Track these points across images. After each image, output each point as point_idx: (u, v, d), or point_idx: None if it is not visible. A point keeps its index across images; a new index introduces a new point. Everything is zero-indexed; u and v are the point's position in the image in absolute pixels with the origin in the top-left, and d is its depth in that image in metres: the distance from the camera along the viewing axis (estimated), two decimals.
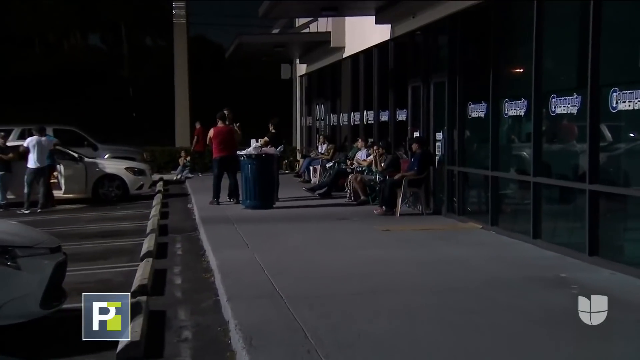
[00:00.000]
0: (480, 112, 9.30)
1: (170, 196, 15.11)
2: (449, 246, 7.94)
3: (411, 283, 6.06)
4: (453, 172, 10.27)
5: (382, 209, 10.64)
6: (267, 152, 11.62)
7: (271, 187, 11.60)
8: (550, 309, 5.17)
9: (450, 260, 7.04)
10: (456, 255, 7.37)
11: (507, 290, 5.77)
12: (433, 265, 6.80)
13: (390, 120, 12.96)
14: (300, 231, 9.09)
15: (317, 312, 5.10)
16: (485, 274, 6.40)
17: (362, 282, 6.07)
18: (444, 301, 5.44)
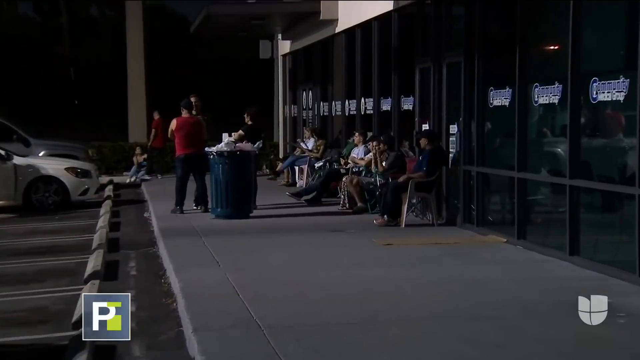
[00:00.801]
0: (504, 100, 9.33)
1: (122, 203, 15.07)
2: (465, 264, 7.94)
3: (420, 310, 6.06)
4: (470, 173, 10.29)
5: (383, 219, 10.65)
6: (242, 148, 11.61)
7: (247, 191, 11.60)
8: (590, 343, 5.14)
9: (468, 282, 7.06)
10: (475, 275, 7.38)
11: (537, 318, 5.77)
12: (446, 288, 6.81)
13: (393, 110, 12.99)
14: (283, 246, 9.09)
15: (305, 346, 5.07)
16: (511, 298, 6.41)
17: (360, 308, 6.06)
18: (460, 332, 5.43)
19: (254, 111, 12.86)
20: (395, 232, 10.15)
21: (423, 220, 11.11)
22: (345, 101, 15.67)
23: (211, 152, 11.49)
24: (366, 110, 14.46)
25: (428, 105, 11.51)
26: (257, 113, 12.90)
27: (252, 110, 12.87)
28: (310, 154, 15.92)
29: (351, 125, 15.35)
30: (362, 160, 13.00)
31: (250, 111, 12.84)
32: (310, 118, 18.75)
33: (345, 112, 15.68)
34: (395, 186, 10.68)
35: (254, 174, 12.12)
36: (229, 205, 11.39)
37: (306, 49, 18.97)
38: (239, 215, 11.37)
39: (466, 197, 10.35)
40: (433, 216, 10.65)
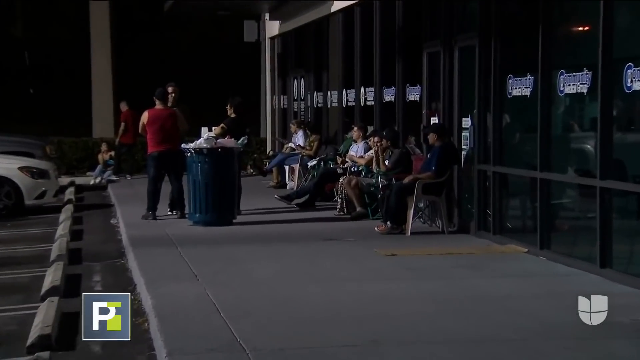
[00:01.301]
0: (525, 89, 9.35)
1: (85, 208, 15.04)
2: (481, 278, 7.95)
3: (428, 330, 6.05)
4: (486, 173, 10.30)
5: (386, 226, 10.65)
6: (224, 145, 11.60)
7: (230, 195, 11.59)
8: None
9: (483, 298, 7.05)
10: (491, 290, 7.37)
11: (562, 341, 5.76)
12: (458, 306, 6.81)
13: (397, 101, 13.00)
14: (271, 257, 9.09)
15: None
16: (532, 317, 6.41)
17: (359, 329, 6.06)
18: (474, 357, 5.41)
19: (237, 102, 12.84)
20: (400, 240, 10.15)
21: (431, 227, 11.11)
22: (343, 91, 15.68)
23: (188, 149, 11.47)
24: (366, 101, 14.46)
25: (437, 96, 11.52)
26: (241, 104, 12.88)
27: (236, 101, 12.84)
28: (303, 151, 15.92)
29: (349, 119, 15.34)
30: (362, 158, 13.00)
31: (234, 102, 12.82)
32: (302, 110, 18.75)
33: (343, 103, 15.69)
34: (399, 188, 10.68)
35: (238, 174, 12.11)
36: (209, 210, 11.39)
37: (297, 30, 18.96)
38: (221, 222, 11.37)
39: (481, 201, 10.36)
40: (443, 223, 10.66)
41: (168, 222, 11.79)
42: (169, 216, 12.25)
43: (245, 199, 12.57)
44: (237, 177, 11.99)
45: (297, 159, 15.85)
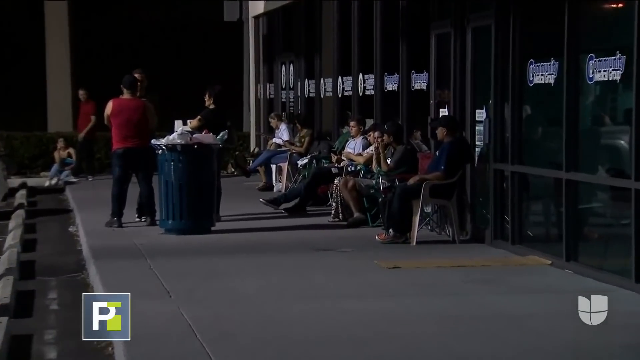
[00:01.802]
0: (549, 76, 9.35)
1: (39, 214, 15.00)
2: (497, 294, 7.94)
3: (435, 355, 6.04)
4: (504, 173, 10.31)
5: (388, 234, 10.66)
6: (201, 141, 11.58)
7: (208, 198, 11.58)
8: None
9: (500, 318, 7.04)
10: (509, 309, 7.37)
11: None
12: (471, 326, 6.80)
13: (401, 90, 13.00)
14: (256, 270, 9.08)
15: None
16: (557, 340, 6.40)
17: (358, 352, 6.05)
18: None
19: (217, 91, 12.78)
20: (404, 251, 10.14)
21: (440, 235, 11.12)
22: (338, 78, 15.68)
23: (160, 145, 11.45)
24: (365, 90, 14.46)
25: (447, 84, 11.52)
26: (221, 94, 12.83)
27: (215, 91, 12.79)
28: (292, 148, 15.91)
29: (345, 111, 15.32)
30: (360, 156, 13.00)
31: (213, 91, 12.77)
32: (291, 100, 18.76)
33: (338, 92, 15.69)
34: (403, 191, 10.68)
35: (217, 174, 12.09)
36: (184, 216, 11.38)
37: (286, 9, 18.96)
38: (197, 230, 11.36)
39: (498, 206, 10.37)
40: (454, 230, 10.66)
41: (136, 230, 11.77)
42: (137, 223, 12.23)
43: (225, 203, 12.55)
44: (217, 178, 11.97)
45: (286, 157, 15.83)
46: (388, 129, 12.01)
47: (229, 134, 12.32)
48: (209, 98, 12.69)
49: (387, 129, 12.02)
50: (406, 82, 12.82)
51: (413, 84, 12.70)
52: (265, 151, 17.12)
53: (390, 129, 11.99)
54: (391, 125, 12.12)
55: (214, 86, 12.94)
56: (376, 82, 13.87)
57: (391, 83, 13.42)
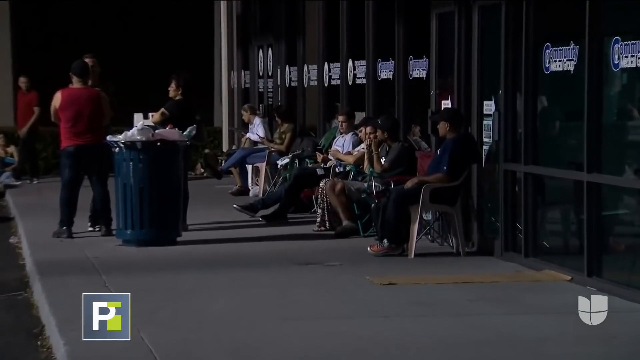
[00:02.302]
0: (567, 62, 9.37)
1: None
2: (508, 315, 7.95)
3: None
4: (516, 175, 10.32)
5: (382, 245, 10.66)
6: (165, 137, 11.56)
7: (173, 204, 11.56)
8: None
9: (512, 343, 7.05)
10: (522, 332, 7.37)
11: None
12: (479, 353, 6.79)
13: (397, 79, 13.00)
14: (228, 288, 9.06)
15: None
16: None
17: None
18: None
19: (184, 80, 12.77)
20: (401, 265, 10.14)
21: (443, 247, 11.12)
22: (324, 65, 15.68)
23: (117, 142, 11.43)
24: (356, 78, 14.46)
25: (450, 72, 11.53)
26: (188, 83, 12.82)
27: (182, 79, 12.77)
28: (270, 146, 15.90)
29: (333, 102, 15.30)
30: (350, 155, 13.00)
31: (179, 80, 12.74)
32: (269, 90, 18.74)
33: (324, 81, 15.69)
34: (400, 195, 10.67)
35: (184, 176, 12.08)
36: (145, 224, 11.36)
37: None
38: (161, 241, 11.35)
39: (509, 212, 10.38)
40: (458, 241, 10.67)
41: (89, 241, 11.74)
42: (90, 233, 12.20)
43: (193, 210, 12.54)
44: (183, 181, 11.95)
45: (263, 156, 15.82)
46: (382, 123, 12.00)
47: (197, 130, 12.27)
48: (175, 88, 12.67)
49: (381, 123, 12.01)
50: (403, 69, 12.82)
51: (411, 71, 12.69)
52: (239, 149, 17.10)
53: (385, 124, 11.98)
54: (386, 120, 12.11)
55: (180, 74, 12.91)
56: (368, 69, 13.86)
57: (385, 70, 13.42)
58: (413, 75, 12.65)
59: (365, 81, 14.01)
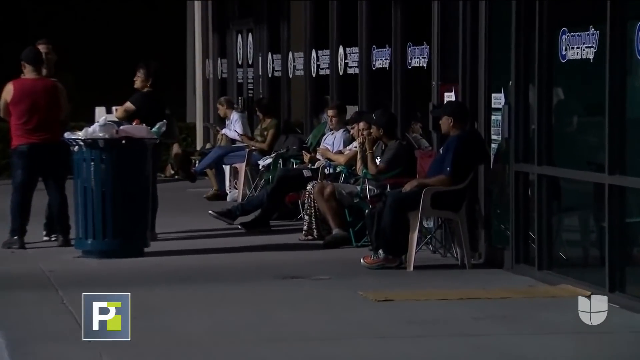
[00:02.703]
0: (587, 50, 9.37)
1: None
2: (519, 335, 7.95)
3: None
4: (528, 177, 10.33)
5: (377, 256, 10.65)
6: (131, 134, 11.53)
7: (140, 210, 11.54)
8: None
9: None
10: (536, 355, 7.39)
11: None
12: None
13: (394, 68, 13.01)
14: (203, 305, 9.06)
15: None
16: None
17: None
18: None
19: (152, 69, 12.74)
20: (398, 278, 10.14)
21: (446, 258, 11.13)
22: (312, 53, 15.69)
23: (76, 140, 11.40)
24: (347, 68, 14.47)
25: (454, 60, 11.54)
26: (157, 73, 12.79)
27: (149, 68, 12.74)
28: (251, 144, 15.87)
29: (322, 95, 15.28)
30: (341, 154, 13.00)
31: (146, 69, 12.72)
32: (249, 80, 18.72)
33: (312, 70, 15.69)
34: (397, 200, 10.67)
35: (153, 179, 12.07)
36: (109, 233, 11.34)
37: None
38: (126, 252, 11.34)
39: (520, 219, 10.38)
40: (463, 251, 10.68)
41: (44, 252, 11.71)
42: (45, 243, 12.17)
43: (163, 217, 12.53)
44: (152, 184, 11.93)
45: (243, 155, 15.80)
46: (377, 118, 11.99)
47: (167, 126, 12.23)
48: (142, 78, 12.64)
49: (376, 118, 12.00)
50: (400, 57, 12.82)
51: (409, 59, 12.70)
52: (216, 148, 17.05)
53: (380, 119, 11.97)
54: (381, 114, 12.11)
55: (148, 62, 12.88)
56: (361, 57, 13.86)
57: (381, 59, 13.41)
58: (412, 64, 12.65)
59: (358, 71, 14.01)
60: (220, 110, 17.22)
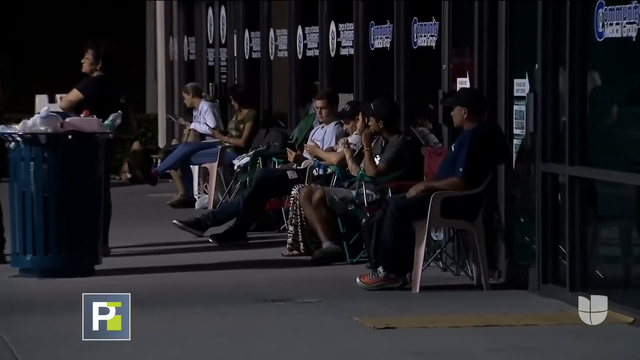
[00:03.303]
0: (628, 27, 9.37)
1: None
2: None
3: None
4: (557, 179, 10.34)
5: (376, 275, 10.65)
6: (78, 127, 11.53)
7: (91, 219, 11.54)
8: None
9: None
10: None
11: None
12: None
13: (397, 48, 13.03)
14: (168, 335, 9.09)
15: None
16: None
17: None
18: None
19: (103, 50, 12.75)
20: (402, 301, 10.18)
21: (459, 277, 11.17)
22: (297, 30, 15.73)
23: (12, 135, 11.40)
24: (340, 48, 14.49)
25: (469, 39, 11.58)
26: (110, 54, 12.79)
27: (100, 48, 12.75)
28: (224, 139, 15.87)
29: (309, 80, 15.29)
30: (333, 153, 13.02)
31: (96, 49, 12.72)
32: (222, 63, 18.74)
33: (297, 51, 15.74)
34: (400, 207, 10.68)
35: (105, 181, 12.08)
36: (52, 248, 11.36)
37: None
38: (73, 270, 11.36)
39: (548, 230, 10.39)
40: (479, 269, 10.69)
41: None
42: None
43: (118, 228, 12.57)
44: (104, 188, 11.94)
45: (215, 153, 15.82)
46: (376, 109, 12.01)
47: (123, 118, 12.24)
48: (91, 60, 12.65)
49: (375, 109, 12.01)
50: (404, 35, 12.84)
51: (415, 38, 12.72)
52: (181, 145, 17.07)
53: (380, 110, 11.98)
54: (381, 104, 12.12)
55: (98, 41, 12.87)
56: (357, 35, 13.89)
57: (381, 37, 13.44)
58: (418, 44, 12.67)
59: (353, 51, 14.03)
60: (186, 100, 17.22)
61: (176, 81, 21.01)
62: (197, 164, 16.34)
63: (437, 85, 12.05)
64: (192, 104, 16.99)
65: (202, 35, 19.63)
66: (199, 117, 16.67)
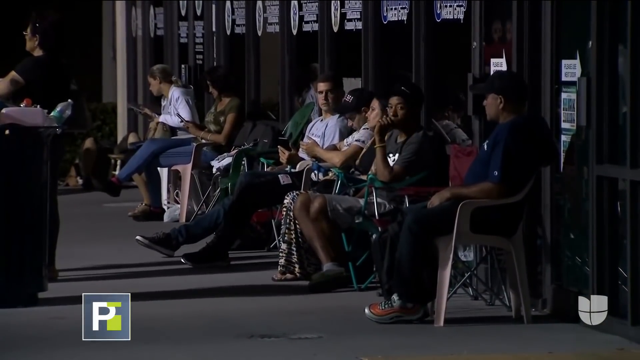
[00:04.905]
0: None
1: None
2: None
3: None
4: (617, 184, 10.37)
5: (389, 304, 10.69)
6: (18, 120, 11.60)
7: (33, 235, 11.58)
8: None
9: None
10: None
11: None
12: None
13: (415, 23, 13.11)
14: None
15: None
16: None
17: None
18: None
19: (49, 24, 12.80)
20: (422, 337, 10.23)
21: (493, 307, 11.23)
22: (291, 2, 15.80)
23: None
24: (345, 21, 14.59)
25: (504, 11, 11.64)
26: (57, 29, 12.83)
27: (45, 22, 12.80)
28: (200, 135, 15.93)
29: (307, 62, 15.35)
30: (335, 152, 13.12)
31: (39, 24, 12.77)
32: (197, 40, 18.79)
33: (291, 25, 15.83)
34: (420, 220, 10.73)
35: (52, 188, 12.14)
36: None
37: None
38: (11, 298, 11.43)
39: (605, 249, 10.42)
40: (519, 297, 10.73)
41: None
42: None
43: (67, 246, 12.65)
44: (50, 196, 11.98)
45: (189, 152, 15.87)
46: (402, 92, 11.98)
47: (74, 108, 12.29)
48: (32, 37, 12.70)
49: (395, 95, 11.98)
50: (425, 7, 12.92)
51: (438, 9, 12.79)
52: (147, 142, 17.09)
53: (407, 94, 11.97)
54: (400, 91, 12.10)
55: (44, 15, 12.93)
56: (366, 6, 13.98)
57: (395, 8, 13.51)
58: (442, 17, 12.73)
59: (361, 25, 14.08)
60: (153, 86, 17.24)
61: (140, 62, 21.08)
62: (166, 165, 16.38)
63: (467, 68, 12.11)
64: (159, 90, 17.02)
65: (173, 6, 19.69)
66: (169, 108, 16.70)
